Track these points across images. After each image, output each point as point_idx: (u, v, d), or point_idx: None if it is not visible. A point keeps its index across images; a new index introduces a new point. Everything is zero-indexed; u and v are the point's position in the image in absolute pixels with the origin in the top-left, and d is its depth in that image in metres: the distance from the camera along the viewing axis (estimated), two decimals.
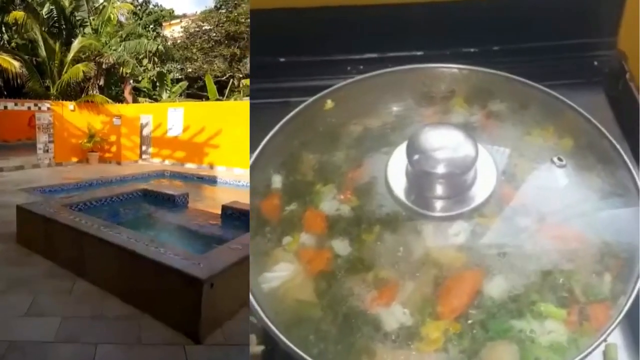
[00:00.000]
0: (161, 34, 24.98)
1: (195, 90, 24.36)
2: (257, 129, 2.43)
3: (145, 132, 17.01)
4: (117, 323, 3.67)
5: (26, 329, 3.55)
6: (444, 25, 2.74)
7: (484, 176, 2.09)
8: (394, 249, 2.07)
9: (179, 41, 25.02)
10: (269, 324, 1.96)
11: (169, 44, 23.61)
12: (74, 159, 15.07)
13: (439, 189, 2.07)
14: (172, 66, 24.19)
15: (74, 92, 16.85)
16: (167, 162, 16.23)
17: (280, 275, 2.11)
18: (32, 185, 9.90)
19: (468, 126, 2.26)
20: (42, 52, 15.62)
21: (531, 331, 1.86)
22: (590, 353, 1.81)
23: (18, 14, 15.36)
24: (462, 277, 1.98)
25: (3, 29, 17.80)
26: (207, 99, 20.30)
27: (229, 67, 23.82)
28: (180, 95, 22.46)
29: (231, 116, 14.78)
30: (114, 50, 17.49)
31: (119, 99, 19.68)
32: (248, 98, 18.60)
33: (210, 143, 15.58)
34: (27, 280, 4.54)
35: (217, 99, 19.83)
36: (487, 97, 2.41)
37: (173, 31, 27.40)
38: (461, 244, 2.04)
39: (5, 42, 17.68)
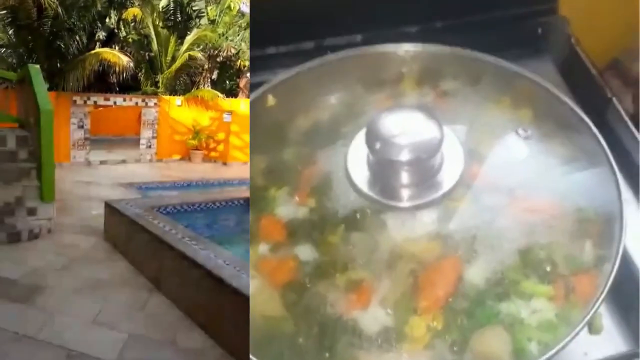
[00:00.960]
0: None
1: None
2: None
3: None
4: (187, 355, 3.14)
5: (89, 339, 3.18)
6: (381, 5, 2.63)
7: (451, 158, 1.97)
8: (363, 247, 1.93)
9: None
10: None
11: None
12: (176, 156, 13.95)
13: (405, 177, 1.94)
14: None
15: (184, 87, 15.71)
16: None
17: None
18: (131, 180, 9.45)
19: (422, 108, 2.14)
20: (155, 46, 14.65)
21: (518, 312, 1.78)
22: (582, 328, 1.73)
23: (136, 11, 14.52)
24: (440, 266, 1.87)
25: (121, 25, 16.30)
26: None
27: None
28: None
29: None
30: (231, 40, 16.24)
31: (233, 93, 17.90)
32: None
33: None
34: (104, 283, 4.18)
35: None
36: (437, 76, 2.31)
37: None
38: (434, 232, 1.93)
39: (121, 37, 16.38)
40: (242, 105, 14.50)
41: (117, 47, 15.13)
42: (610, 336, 2.04)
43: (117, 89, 16.03)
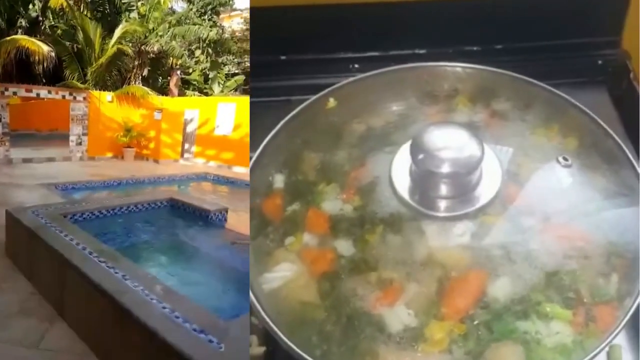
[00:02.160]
0: (218, 24, 22.45)
1: None
2: (258, 128, 2.41)
3: (190, 128, 15.44)
4: None
5: None
6: (446, 24, 2.72)
7: (489, 176, 2.07)
8: (397, 249, 2.04)
9: (237, 34, 23.33)
10: (271, 324, 1.93)
11: (226, 35, 21.87)
12: (109, 154, 14.03)
13: (444, 189, 2.05)
14: (228, 59, 22.53)
15: (114, 83, 15.77)
16: (212, 163, 14.46)
17: (282, 275, 2.08)
18: (57, 180, 8.95)
19: (472, 125, 2.24)
20: (81, 37, 14.54)
21: (536, 332, 1.84)
22: (596, 355, 1.79)
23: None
24: (467, 277, 1.96)
25: (49, 14, 16.49)
26: None
27: None
28: (235, 90, 20.80)
29: None
30: (160, 36, 16.32)
31: (164, 91, 18.26)
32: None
33: None
34: None
35: None
36: (490, 96, 2.39)
37: (232, 23, 25.64)
38: (465, 244, 2.01)
39: (47, 27, 16.46)
40: (172, 103, 14.74)
41: (41, 37, 14.61)
42: None
43: (44, 81, 15.60)
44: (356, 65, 2.93)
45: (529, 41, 2.71)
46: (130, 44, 15.68)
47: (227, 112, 14.54)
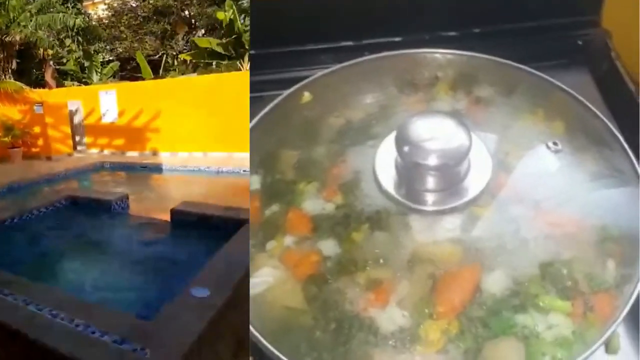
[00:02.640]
0: (83, 11, 21.53)
1: (129, 72, 22.21)
2: None
3: (77, 120, 15.16)
4: None
5: None
6: (421, 9, 2.63)
7: (478, 166, 1.98)
8: (386, 247, 1.95)
9: (105, 20, 22.67)
10: (256, 333, 1.83)
11: (93, 23, 21.35)
12: None
13: (431, 182, 1.96)
14: (100, 46, 21.97)
15: None
16: (105, 152, 14.50)
17: (265, 280, 1.98)
18: None
19: (454, 113, 2.16)
20: None
21: (535, 326, 1.78)
22: (598, 347, 1.73)
23: None
24: (460, 273, 1.88)
25: None
26: (143, 79, 17.83)
27: (161, 44, 22.12)
28: (114, 77, 20.62)
29: (169, 96, 13.40)
30: (24, 26, 15.47)
31: (41, 84, 17.50)
32: (183, 76, 17.03)
33: (150, 127, 14.05)
34: None
35: (153, 79, 17.90)
36: (472, 83, 2.31)
37: (97, 9, 24.67)
38: (456, 238, 1.94)
39: None
40: (51, 96, 14.10)
41: None
42: (627, 357, 2.02)
43: None
44: (327, 57, 2.82)
45: (507, 24, 2.65)
46: None
47: (110, 100, 14.59)
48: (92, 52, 20.41)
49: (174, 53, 21.33)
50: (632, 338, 2.06)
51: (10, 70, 16.45)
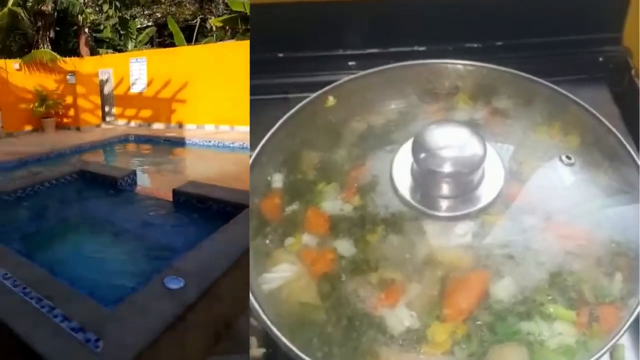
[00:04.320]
0: None
1: (166, 38, 21.55)
2: (257, 126, 2.38)
3: (107, 89, 14.80)
4: None
5: None
6: (445, 20, 2.70)
7: (491, 175, 2.04)
8: (399, 249, 2.02)
9: None
10: (271, 326, 1.91)
11: None
12: (28, 128, 12.90)
13: (446, 189, 2.02)
14: (137, 11, 21.36)
15: (21, 48, 14.71)
16: (132, 123, 14.09)
17: (282, 276, 2.05)
18: None
19: (472, 123, 2.21)
20: None
21: (540, 333, 1.82)
22: (600, 357, 1.77)
23: None
24: (469, 278, 1.94)
25: None
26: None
27: (200, 8, 21.30)
28: (150, 44, 20.17)
29: (198, 65, 12.77)
30: None
31: (76, 52, 17.03)
32: (220, 42, 16.06)
33: (177, 98, 13.57)
34: None
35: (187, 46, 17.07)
36: (491, 94, 2.36)
37: None
38: (467, 245, 1.99)
39: None
40: (83, 65, 13.58)
41: None
42: None
43: None
44: (354, 63, 2.90)
45: (529, 38, 2.69)
46: (31, 6, 14.68)
47: (140, 68, 14.07)
48: (129, 17, 19.84)
49: (212, 17, 20.28)
50: (636, 350, 2.10)
51: (47, 39, 16.19)
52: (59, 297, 2.78)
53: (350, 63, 2.80)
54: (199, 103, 13.09)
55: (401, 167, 2.12)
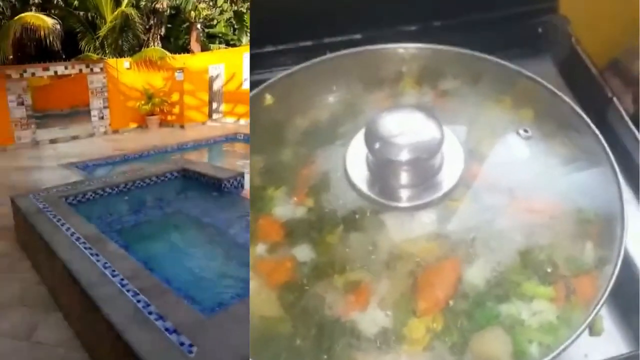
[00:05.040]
0: None
1: None
2: None
3: (216, 86, 14.09)
4: None
5: None
6: (380, 4, 2.61)
7: (451, 158, 1.95)
8: (362, 247, 1.91)
9: None
10: None
11: None
12: (133, 125, 12.78)
13: (405, 177, 1.92)
14: None
15: (132, 47, 14.39)
16: (242, 121, 13.12)
17: None
18: (78, 159, 8.61)
19: (421, 107, 2.12)
20: (92, 5, 13.57)
21: (519, 314, 1.75)
22: (583, 330, 1.71)
23: None
24: (440, 267, 1.85)
25: None
26: None
27: None
28: None
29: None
30: None
31: (187, 49, 16.58)
32: None
33: None
34: None
35: None
36: (437, 76, 2.30)
37: None
38: (434, 233, 1.91)
39: (61, 0, 14.83)
40: (193, 61, 13.33)
41: (55, 12, 13.62)
42: (611, 337, 2.02)
43: (63, 56, 14.30)
44: (287, 58, 2.76)
45: (466, 15, 2.64)
46: (142, 3, 14.61)
47: None
48: (245, 10, 18.72)
49: None
50: (614, 319, 2.07)
51: (159, 37, 15.87)
52: (155, 295, 2.78)
53: (283, 59, 2.66)
54: None
55: (355, 160, 2.01)
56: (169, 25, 16.95)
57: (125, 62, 12.76)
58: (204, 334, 2.42)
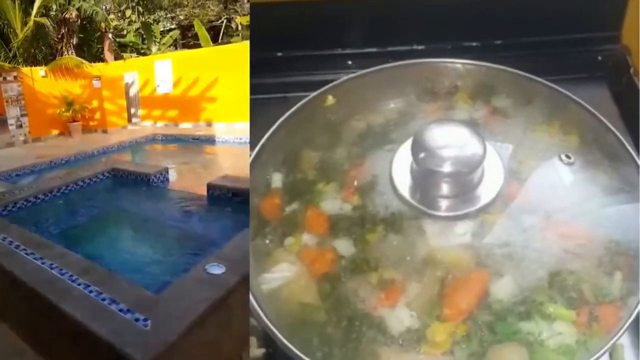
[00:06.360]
0: None
1: (190, 40, 21.89)
2: (257, 126, 2.37)
3: (132, 92, 15.18)
4: None
5: None
6: (444, 19, 2.69)
7: (491, 174, 2.04)
8: (398, 249, 2.01)
9: None
10: (271, 326, 1.90)
11: None
12: (54, 132, 13.21)
13: (445, 188, 2.02)
14: (160, 15, 21.51)
15: (46, 56, 14.90)
16: (159, 124, 14.43)
17: (282, 276, 2.05)
18: (1, 169, 8.24)
19: (472, 122, 2.21)
20: (2, 16, 13.60)
21: (540, 333, 1.81)
22: (600, 356, 1.77)
23: None
24: (469, 278, 1.93)
25: None
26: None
27: (224, 9, 21.26)
28: (174, 46, 20.33)
29: (227, 63, 12.82)
30: (84, 1, 15.39)
31: (100, 58, 17.38)
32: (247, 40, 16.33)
33: (205, 96, 13.78)
34: None
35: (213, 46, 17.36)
36: (491, 93, 2.36)
37: None
38: (467, 244, 1.99)
39: None
40: (108, 69, 14.02)
41: None
42: None
43: None
44: (352, 62, 2.89)
45: (528, 37, 2.68)
46: (55, 15, 15.04)
47: (165, 70, 14.41)
48: (152, 21, 20.02)
49: (238, 17, 20.33)
50: (636, 349, 2.10)
51: (72, 46, 16.46)
52: (105, 283, 2.97)
53: (348, 62, 2.80)
54: (228, 101, 13.20)
55: (401, 166, 2.12)
56: (81, 35, 17.36)
57: (41, 70, 12.99)
58: (155, 309, 2.63)
